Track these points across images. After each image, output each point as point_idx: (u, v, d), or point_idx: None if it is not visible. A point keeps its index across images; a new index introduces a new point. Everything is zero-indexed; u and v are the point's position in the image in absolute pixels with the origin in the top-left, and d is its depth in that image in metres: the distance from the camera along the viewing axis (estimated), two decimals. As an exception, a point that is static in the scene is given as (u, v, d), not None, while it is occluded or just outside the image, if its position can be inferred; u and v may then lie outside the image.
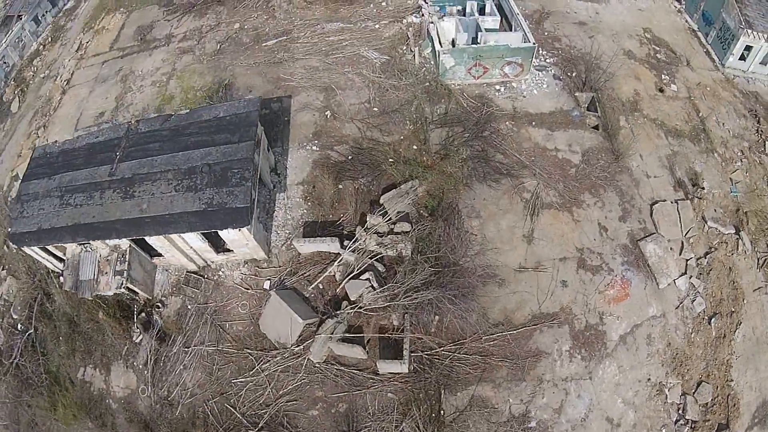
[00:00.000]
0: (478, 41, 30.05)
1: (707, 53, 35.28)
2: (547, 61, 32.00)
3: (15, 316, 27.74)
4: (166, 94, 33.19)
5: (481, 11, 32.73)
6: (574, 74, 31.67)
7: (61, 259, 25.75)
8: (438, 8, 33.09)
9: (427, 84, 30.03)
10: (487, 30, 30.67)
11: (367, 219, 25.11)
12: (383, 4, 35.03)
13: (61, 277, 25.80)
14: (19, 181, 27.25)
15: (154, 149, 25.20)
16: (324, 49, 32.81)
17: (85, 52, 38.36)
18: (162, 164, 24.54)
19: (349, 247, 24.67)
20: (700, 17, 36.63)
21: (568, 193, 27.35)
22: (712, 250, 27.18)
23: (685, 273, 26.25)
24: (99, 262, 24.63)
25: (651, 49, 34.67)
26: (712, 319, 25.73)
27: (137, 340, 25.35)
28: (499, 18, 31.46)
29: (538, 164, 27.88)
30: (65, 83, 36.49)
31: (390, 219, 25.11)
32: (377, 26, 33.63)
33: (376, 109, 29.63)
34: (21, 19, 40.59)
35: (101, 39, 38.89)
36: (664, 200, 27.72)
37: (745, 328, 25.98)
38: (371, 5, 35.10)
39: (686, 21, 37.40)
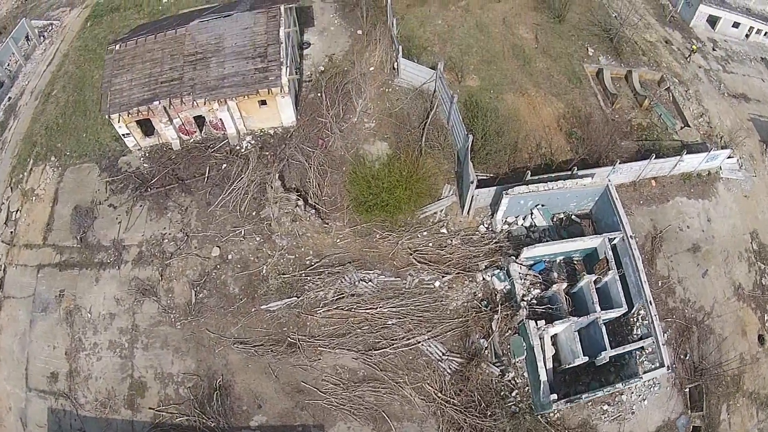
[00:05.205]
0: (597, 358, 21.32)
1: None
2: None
3: None
4: (135, 378, 22.97)
5: (587, 258, 23.08)
6: (687, 357, 24.48)
7: None
8: (531, 264, 22.43)
9: (521, 421, 21.36)
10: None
11: None
12: (443, 231, 22.96)
13: None
14: None
15: None
16: (360, 333, 21.68)
17: (15, 230, 26.37)
18: None
19: None
20: (799, 198, 29.67)
21: None
22: None
23: None
24: None
25: (757, 273, 27.97)
26: None
27: None
28: (626, 309, 22.09)
29: None
30: (-4, 288, 25.45)
31: None
32: (437, 284, 22.34)
33: (453, 466, 21.04)
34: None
35: (32, 213, 27.06)
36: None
37: None
38: (422, 230, 22.89)
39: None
